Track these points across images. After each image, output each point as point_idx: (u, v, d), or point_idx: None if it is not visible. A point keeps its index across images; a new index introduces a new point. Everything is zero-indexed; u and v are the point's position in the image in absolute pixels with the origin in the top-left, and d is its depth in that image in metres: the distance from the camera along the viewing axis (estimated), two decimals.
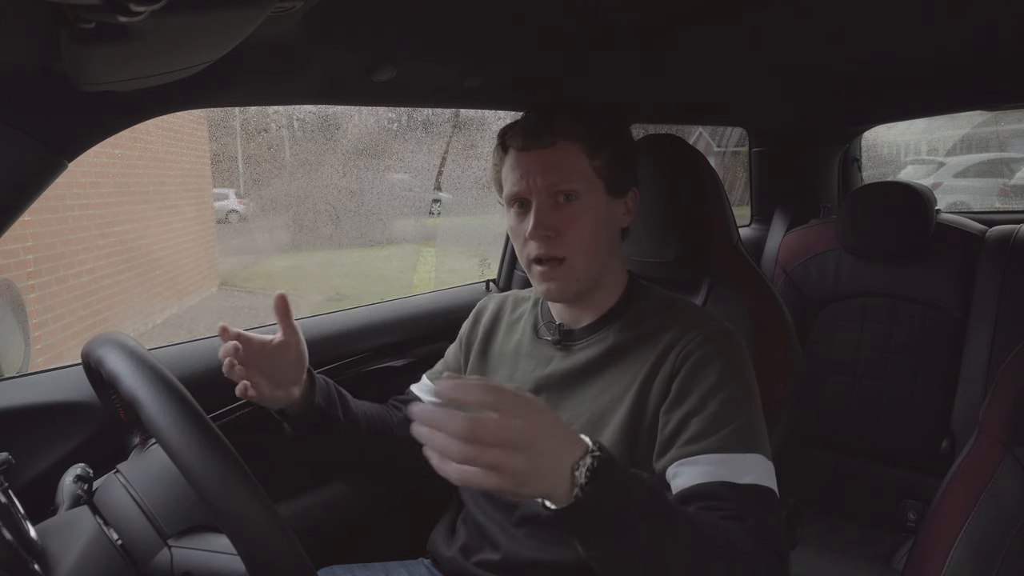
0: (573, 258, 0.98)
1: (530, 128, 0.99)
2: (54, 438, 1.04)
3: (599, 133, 1.00)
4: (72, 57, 0.63)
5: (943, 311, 1.79)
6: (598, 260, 1.01)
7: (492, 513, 1.04)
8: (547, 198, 0.98)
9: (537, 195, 0.98)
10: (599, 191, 1.00)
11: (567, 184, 0.97)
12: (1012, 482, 0.93)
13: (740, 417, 0.89)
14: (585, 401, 0.99)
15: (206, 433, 0.64)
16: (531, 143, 0.99)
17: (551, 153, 0.98)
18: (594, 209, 0.99)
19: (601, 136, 1.00)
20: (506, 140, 1.03)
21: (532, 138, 0.99)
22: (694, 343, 0.94)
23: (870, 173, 2.79)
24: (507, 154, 1.02)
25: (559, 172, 0.97)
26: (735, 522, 0.80)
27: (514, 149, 1.01)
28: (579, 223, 0.98)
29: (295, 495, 1.31)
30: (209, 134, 4.96)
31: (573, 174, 0.98)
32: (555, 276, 0.98)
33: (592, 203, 0.99)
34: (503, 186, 1.04)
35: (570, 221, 0.97)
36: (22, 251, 3.02)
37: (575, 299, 1.03)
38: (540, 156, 0.98)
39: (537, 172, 0.98)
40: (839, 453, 1.92)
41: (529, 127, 0.99)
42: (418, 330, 1.59)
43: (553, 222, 0.97)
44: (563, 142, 0.98)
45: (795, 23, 1.20)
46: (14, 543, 0.68)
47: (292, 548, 0.63)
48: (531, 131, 0.99)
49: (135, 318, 4.12)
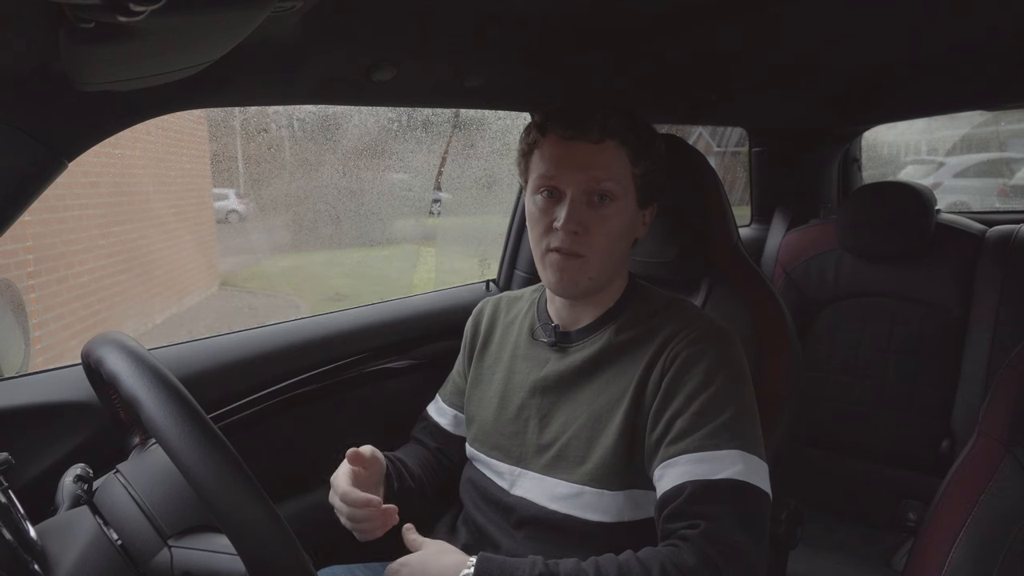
0: (591, 257, 0.97)
1: (581, 119, 0.96)
2: (54, 438, 1.04)
3: (646, 142, 0.99)
4: (72, 57, 0.63)
5: (943, 311, 1.79)
6: (612, 264, 1.01)
7: (491, 515, 1.04)
8: (583, 194, 0.96)
9: (574, 188, 0.96)
10: (631, 198, 0.99)
11: (607, 184, 0.96)
12: (1012, 482, 0.93)
13: (723, 414, 0.89)
14: (582, 403, 0.99)
15: (206, 433, 0.64)
16: (578, 135, 0.96)
17: (597, 150, 0.96)
18: (623, 215, 0.99)
19: (646, 145, 1.00)
20: (548, 123, 0.99)
21: (580, 129, 0.96)
22: (683, 343, 0.95)
23: (870, 173, 2.79)
24: (545, 138, 0.99)
25: (602, 171, 0.96)
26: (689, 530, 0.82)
27: (557, 136, 0.98)
28: (608, 225, 0.97)
29: (295, 495, 1.31)
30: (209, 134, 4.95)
31: (614, 176, 0.97)
32: (569, 268, 0.98)
33: (623, 208, 0.98)
34: (531, 168, 1.02)
35: (600, 222, 0.97)
36: (22, 251, 3.01)
37: (579, 296, 1.02)
38: (585, 150, 0.96)
39: (579, 166, 0.96)
40: (839, 453, 1.92)
41: (580, 118, 0.96)
42: (418, 330, 1.58)
43: (584, 219, 0.96)
44: (611, 142, 0.96)
45: (795, 23, 1.20)
46: (14, 543, 0.68)
47: (292, 548, 0.63)
48: (581, 122, 0.96)
49: (135, 318, 4.12)
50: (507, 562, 0.84)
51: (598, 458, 0.94)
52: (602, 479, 0.93)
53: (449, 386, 1.23)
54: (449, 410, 1.20)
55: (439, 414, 1.22)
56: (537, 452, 1.01)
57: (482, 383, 1.13)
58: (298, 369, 1.35)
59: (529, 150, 1.02)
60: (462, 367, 1.20)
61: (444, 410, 1.21)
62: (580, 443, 0.97)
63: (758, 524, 0.85)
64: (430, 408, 1.24)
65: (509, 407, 1.06)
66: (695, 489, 0.85)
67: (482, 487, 1.07)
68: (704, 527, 0.82)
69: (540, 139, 1.00)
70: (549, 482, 0.98)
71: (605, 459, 0.94)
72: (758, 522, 0.85)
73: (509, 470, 1.03)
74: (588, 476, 0.94)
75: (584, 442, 0.96)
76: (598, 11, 1.06)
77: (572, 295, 1.02)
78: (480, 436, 1.09)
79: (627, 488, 0.93)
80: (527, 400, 1.04)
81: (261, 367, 1.30)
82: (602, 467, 0.94)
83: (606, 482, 0.93)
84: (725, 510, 0.83)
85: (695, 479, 0.85)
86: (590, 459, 0.95)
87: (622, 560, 0.83)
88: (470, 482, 1.10)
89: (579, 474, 0.95)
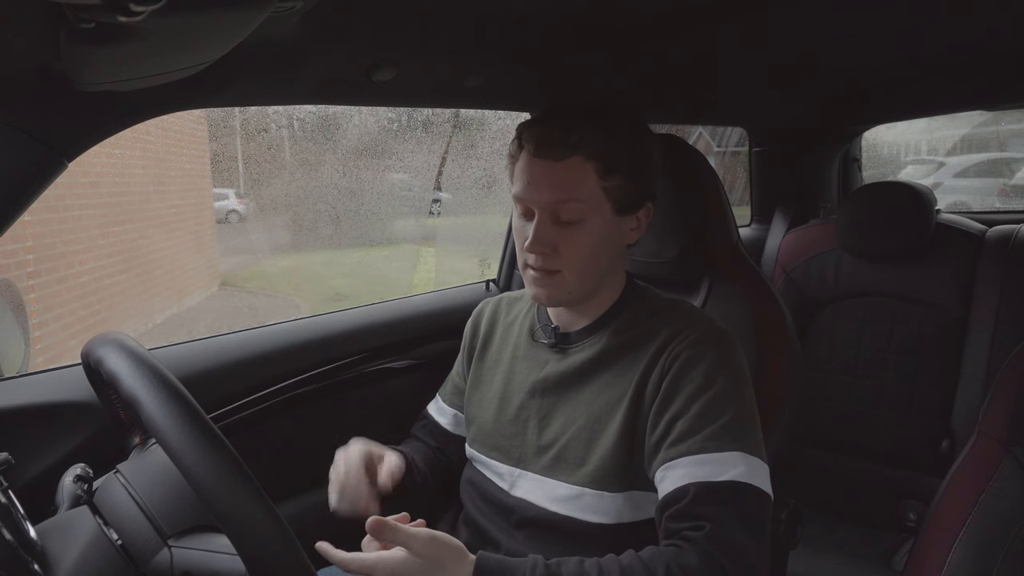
0: (567, 272, 0.96)
1: (546, 136, 0.93)
2: (54, 438, 1.04)
3: (620, 150, 0.95)
4: (72, 57, 0.63)
5: (943, 311, 1.79)
6: (594, 276, 0.99)
7: (491, 515, 1.04)
8: (548, 214, 0.95)
9: (539, 208, 0.95)
10: (605, 211, 0.96)
11: (570, 203, 0.93)
12: (1012, 482, 0.93)
13: (724, 415, 0.89)
14: (582, 404, 0.99)
15: (206, 433, 0.64)
16: (544, 151, 0.93)
17: (561, 168, 0.93)
18: (597, 230, 0.95)
19: (621, 154, 0.94)
20: (522, 137, 0.97)
21: (545, 147, 0.93)
22: (683, 344, 0.94)
23: (870, 173, 2.79)
24: (521, 151, 0.97)
25: (565, 190, 0.93)
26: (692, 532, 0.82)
27: (528, 153, 0.96)
28: (577, 243, 0.95)
29: (295, 495, 1.31)
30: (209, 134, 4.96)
31: (580, 194, 0.93)
32: (546, 284, 0.97)
33: (595, 225, 0.95)
34: (512, 182, 1.01)
35: (568, 240, 0.95)
36: (22, 251, 3.02)
37: (565, 306, 1.03)
38: (549, 168, 0.93)
39: (544, 185, 0.94)
40: (839, 453, 1.92)
41: (546, 134, 0.94)
42: (418, 330, 1.59)
43: (551, 238, 0.94)
44: (577, 158, 0.93)
45: (795, 23, 1.20)
46: (14, 543, 0.68)
47: (292, 548, 0.63)
48: (546, 139, 0.93)
49: (135, 318, 4.12)
50: (506, 561, 0.84)
51: (598, 460, 0.94)
52: (602, 481, 0.93)
53: (449, 386, 1.23)
54: (449, 410, 1.20)
55: (439, 413, 1.22)
56: (537, 453, 1.01)
57: (482, 384, 1.13)
58: (298, 369, 1.35)
59: (512, 164, 1.01)
60: (461, 368, 1.20)
61: (444, 409, 1.21)
62: (580, 444, 0.97)
63: (760, 525, 0.85)
64: (430, 407, 1.24)
65: (509, 408, 1.06)
66: (698, 491, 0.85)
67: (482, 488, 1.07)
68: (708, 529, 0.82)
69: (517, 153, 0.98)
70: (549, 484, 0.98)
71: (605, 461, 0.94)
72: (760, 523, 0.85)
73: (509, 471, 1.03)
74: (588, 478, 0.94)
75: (584, 444, 0.96)
76: (598, 11, 1.06)
77: (556, 305, 1.03)
78: (480, 437, 1.09)
79: (627, 489, 0.93)
80: (527, 401, 1.04)
81: (261, 367, 1.30)
82: (602, 469, 0.94)
83: (606, 484, 0.93)
84: (728, 512, 0.83)
85: (698, 481, 0.85)
86: (590, 461, 0.95)
87: (625, 561, 0.83)
88: (470, 483, 1.10)
89: (579, 476, 0.95)
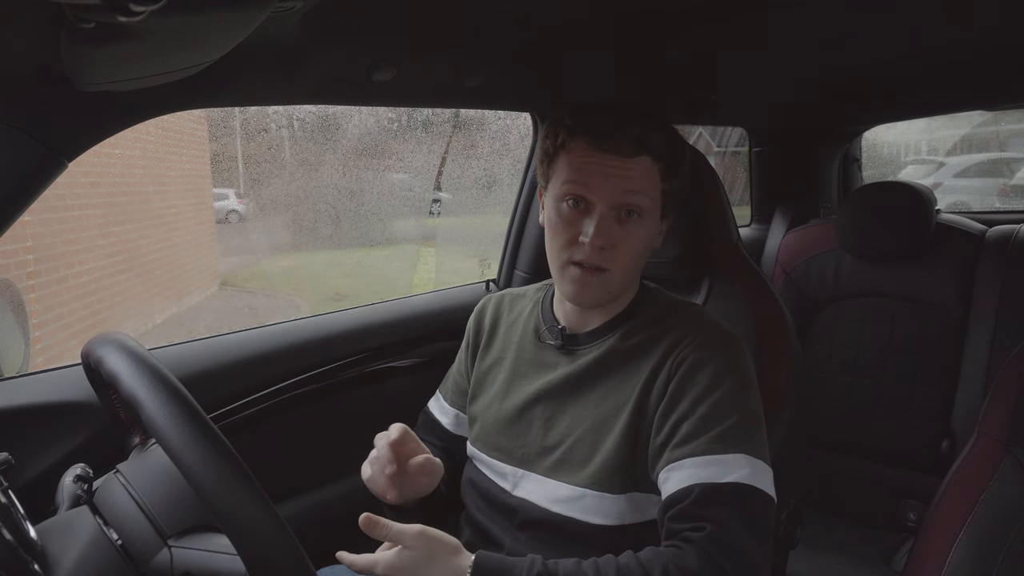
0: (614, 271, 0.95)
1: (616, 129, 0.91)
2: (54, 438, 1.04)
3: (679, 155, 0.97)
4: (72, 57, 0.63)
5: (943, 311, 1.79)
6: (634, 277, 1.00)
7: (493, 515, 1.04)
8: (611, 208, 0.93)
9: (603, 203, 0.92)
10: (656, 213, 0.98)
11: (638, 199, 0.93)
12: (1012, 482, 0.93)
13: (730, 418, 0.88)
14: (588, 406, 0.99)
15: (206, 433, 0.64)
16: (612, 146, 0.91)
17: (631, 164, 0.92)
18: (649, 230, 0.97)
19: (680, 159, 0.97)
20: (579, 128, 0.94)
21: (614, 141, 0.91)
22: (690, 348, 0.94)
23: (870, 173, 2.79)
24: (574, 142, 0.94)
25: (634, 187, 0.93)
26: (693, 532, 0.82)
27: (588, 143, 0.93)
28: (634, 241, 0.95)
29: (295, 495, 1.31)
30: (209, 134, 4.95)
31: (646, 192, 0.94)
32: (591, 283, 0.96)
33: (649, 224, 0.96)
34: (555, 173, 0.98)
35: (627, 237, 0.94)
36: (22, 251, 3.01)
37: (599, 307, 1.02)
38: (618, 163, 0.92)
39: (610, 179, 0.92)
40: (839, 453, 1.92)
41: (615, 127, 0.92)
42: (418, 330, 1.59)
43: (612, 234, 0.93)
44: (647, 157, 0.93)
45: (795, 23, 1.20)
46: (14, 543, 0.68)
47: (292, 548, 0.63)
48: (613, 134, 0.91)
49: (135, 318, 4.12)
50: (505, 560, 0.84)
51: (601, 461, 0.94)
52: (604, 482, 0.93)
53: (450, 384, 1.22)
54: (451, 410, 1.19)
55: (441, 412, 1.21)
56: (540, 454, 1.00)
57: (485, 383, 1.12)
58: (298, 369, 1.35)
59: (554, 152, 0.97)
60: (463, 366, 1.20)
61: (446, 409, 1.21)
62: (584, 446, 0.96)
63: (763, 528, 0.85)
64: (432, 406, 1.23)
65: (513, 408, 1.05)
66: (702, 492, 0.84)
67: (484, 488, 1.06)
68: (710, 530, 0.82)
69: (568, 142, 0.95)
70: (551, 484, 0.98)
71: (608, 462, 0.93)
72: (763, 526, 0.85)
73: (512, 471, 1.03)
74: (590, 479, 0.94)
75: (588, 445, 0.96)
76: (598, 11, 1.06)
77: (595, 307, 1.02)
78: (482, 436, 1.09)
79: (629, 491, 0.93)
80: (532, 402, 1.04)
81: (261, 367, 1.30)
82: (604, 470, 0.94)
83: (608, 485, 0.93)
84: (731, 514, 0.83)
85: (702, 482, 0.85)
86: (593, 462, 0.95)
87: (622, 562, 0.83)
88: (471, 482, 1.09)
89: (581, 477, 0.95)
